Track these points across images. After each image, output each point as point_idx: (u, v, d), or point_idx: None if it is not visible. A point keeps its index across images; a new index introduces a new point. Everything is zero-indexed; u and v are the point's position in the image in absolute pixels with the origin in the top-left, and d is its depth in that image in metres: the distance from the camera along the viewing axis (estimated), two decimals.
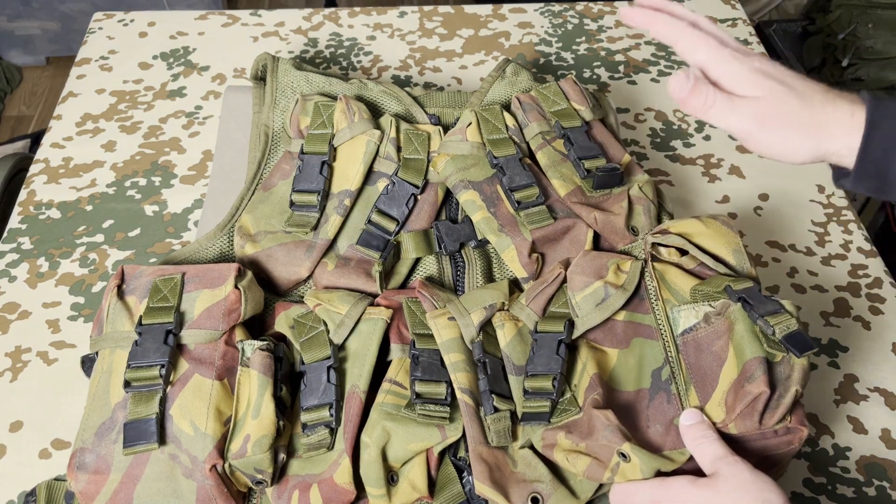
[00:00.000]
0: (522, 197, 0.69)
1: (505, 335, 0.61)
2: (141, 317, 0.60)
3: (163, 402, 0.57)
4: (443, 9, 1.10)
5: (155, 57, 1.02)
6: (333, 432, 0.59)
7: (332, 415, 0.59)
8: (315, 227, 0.69)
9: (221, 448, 0.57)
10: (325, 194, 0.70)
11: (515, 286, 0.67)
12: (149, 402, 0.57)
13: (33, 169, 0.88)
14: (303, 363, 0.62)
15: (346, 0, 2.41)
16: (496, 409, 0.58)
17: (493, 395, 0.58)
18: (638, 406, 0.60)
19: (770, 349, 0.56)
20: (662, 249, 0.64)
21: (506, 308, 0.63)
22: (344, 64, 1.01)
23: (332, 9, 1.10)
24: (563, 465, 0.57)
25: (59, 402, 0.68)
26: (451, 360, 0.60)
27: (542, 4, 1.11)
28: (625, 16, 0.58)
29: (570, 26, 1.08)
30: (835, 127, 0.52)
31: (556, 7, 1.11)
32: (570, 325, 0.61)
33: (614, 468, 0.55)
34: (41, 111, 2.09)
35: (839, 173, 0.56)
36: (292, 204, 0.70)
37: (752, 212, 0.84)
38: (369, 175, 0.72)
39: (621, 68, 1.01)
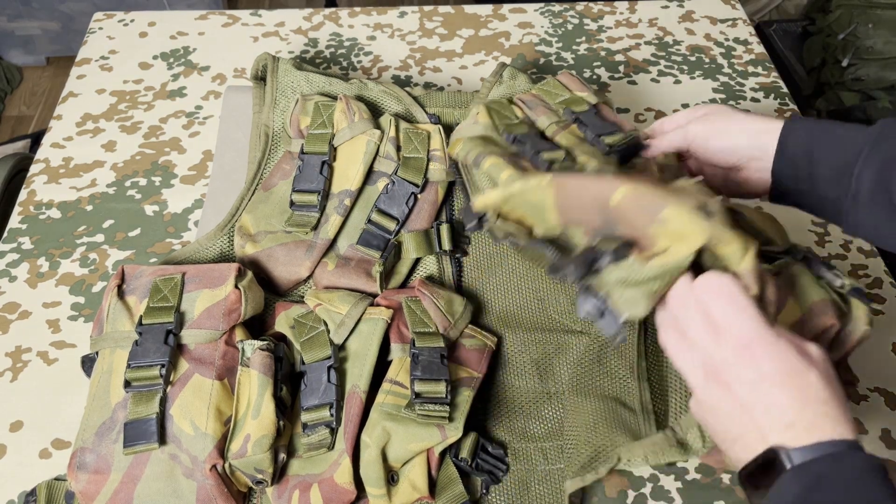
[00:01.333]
0: (550, 158, 0.65)
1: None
2: (141, 317, 0.60)
3: (163, 402, 0.57)
4: (443, 9, 1.10)
5: (155, 57, 1.02)
6: (334, 432, 0.59)
7: (332, 415, 0.59)
8: (315, 228, 0.69)
9: (222, 448, 0.57)
10: (326, 194, 0.70)
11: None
12: (149, 401, 0.57)
13: (33, 169, 0.88)
14: (303, 363, 0.62)
15: (346, 0, 2.41)
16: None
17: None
18: None
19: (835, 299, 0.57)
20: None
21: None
22: (344, 64, 1.01)
23: (333, 9, 1.10)
24: None
25: (59, 402, 0.68)
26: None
27: (542, 4, 1.11)
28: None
29: (570, 26, 1.08)
30: (762, 121, 0.61)
31: (556, 7, 1.11)
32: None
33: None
34: (41, 111, 2.09)
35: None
36: (292, 204, 0.70)
37: None
38: (369, 175, 0.72)
39: (621, 68, 1.01)
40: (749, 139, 0.61)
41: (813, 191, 0.58)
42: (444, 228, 0.71)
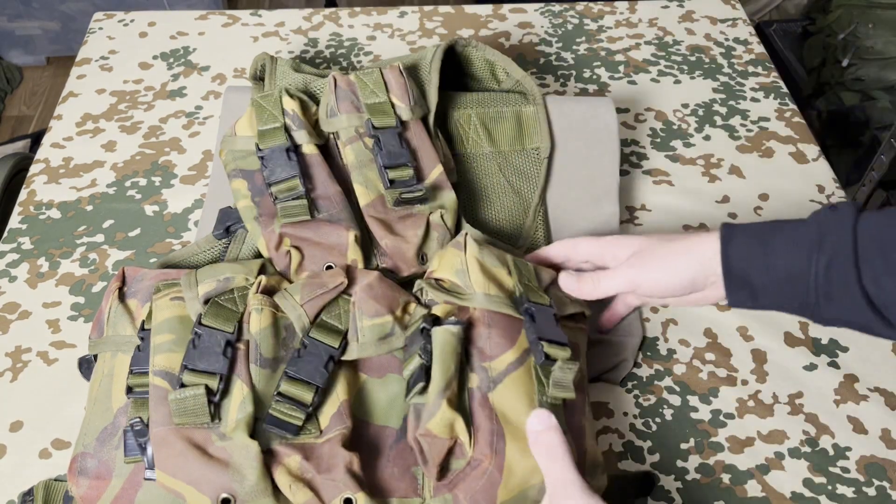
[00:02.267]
0: (279, 191, 0.66)
1: (260, 321, 0.57)
2: (143, 321, 0.60)
3: None
4: (443, 9, 1.10)
5: (155, 57, 1.02)
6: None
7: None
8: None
9: None
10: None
11: (280, 274, 0.65)
12: None
13: (33, 169, 0.89)
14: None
15: (346, 0, 2.41)
16: (182, 385, 0.54)
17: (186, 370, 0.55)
18: (380, 443, 0.58)
19: None
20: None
21: (252, 287, 0.59)
22: (344, 64, 1.01)
23: (333, 9, 1.10)
24: (281, 488, 0.54)
25: (59, 402, 0.68)
26: (156, 343, 0.57)
27: (542, 4, 1.11)
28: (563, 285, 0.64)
29: (570, 26, 1.08)
30: (699, 248, 0.58)
31: (556, 7, 1.11)
32: (345, 343, 0.59)
33: None
34: (41, 111, 2.09)
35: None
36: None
37: (752, 212, 0.84)
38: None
39: (621, 68, 1.01)
40: (702, 267, 0.58)
41: (769, 299, 0.56)
42: None
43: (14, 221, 0.83)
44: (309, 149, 0.69)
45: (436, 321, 0.58)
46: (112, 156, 0.90)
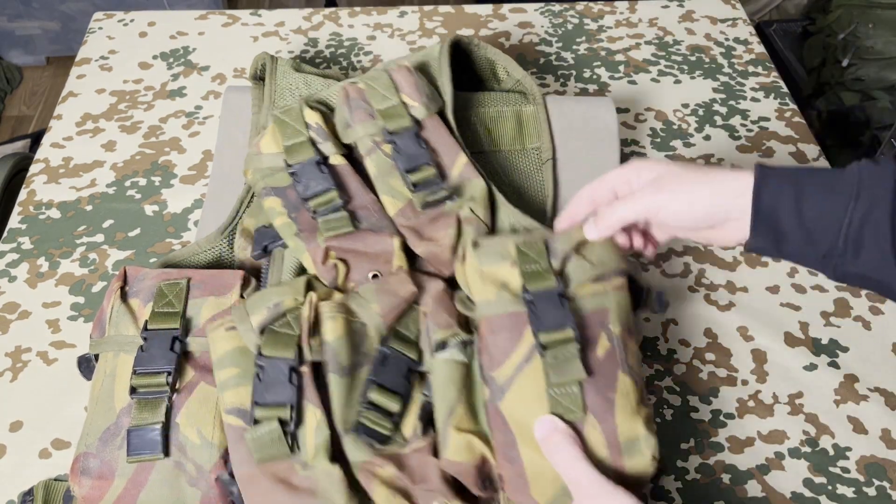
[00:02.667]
0: (317, 204, 0.65)
1: (336, 329, 0.57)
2: (146, 321, 0.60)
3: (168, 411, 0.57)
4: (443, 9, 1.10)
5: (155, 57, 1.02)
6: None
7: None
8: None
9: (227, 458, 0.56)
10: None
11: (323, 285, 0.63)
12: (154, 409, 0.57)
13: (33, 169, 0.88)
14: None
15: (346, 0, 2.41)
16: (255, 421, 0.54)
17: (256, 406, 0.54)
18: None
19: None
20: None
21: (304, 306, 0.58)
22: (344, 64, 1.01)
23: (332, 9, 1.10)
24: (377, 501, 0.54)
25: (59, 402, 0.68)
26: (221, 379, 0.56)
27: (542, 4, 1.11)
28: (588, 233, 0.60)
29: (570, 26, 1.08)
30: (725, 181, 0.55)
31: (556, 7, 1.11)
32: (419, 356, 0.59)
33: None
34: (41, 111, 2.09)
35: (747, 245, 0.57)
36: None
37: None
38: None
39: (621, 68, 1.01)
40: (725, 200, 0.55)
41: (793, 246, 0.54)
42: None
43: (14, 221, 0.83)
44: (337, 160, 0.68)
45: (442, 345, 0.58)
46: (112, 156, 0.90)
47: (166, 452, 0.56)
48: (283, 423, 0.54)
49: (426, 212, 0.66)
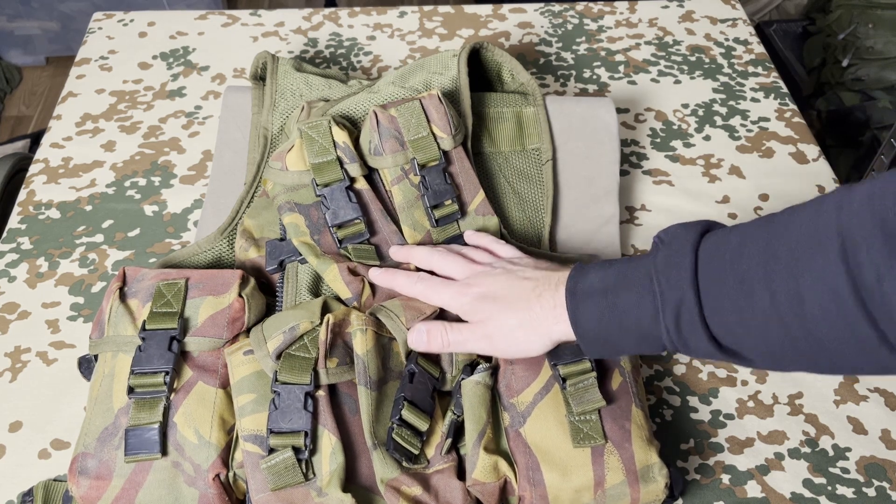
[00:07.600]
0: (346, 235, 0.66)
1: (366, 342, 0.58)
2: (144, 321, 0.60)
3: (166, 410, 0.57)
4: (443, 9, 1.10)
5: (155, 57, 1.02)
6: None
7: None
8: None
9: (225, 457, 0.56)
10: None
11: (341, 303, 0.64)
12: (152, 408, 0.57)
13: (33, 169, 0.88)
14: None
15: (346, 0, 2.41)
16: (271, 450, 0.55)
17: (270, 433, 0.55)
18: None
19: None
20: None
21: (322, 327, 0.58)
22: (344, 64, 1.01)
23: (332, 9, 1.10)
24: None
25: (58, 402, 0.68)
26: (239, 404, 0.57)
27: (542, 4, 1.11)
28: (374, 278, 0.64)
29: (570, 26, 1.08)
30: (548, 321, 0.56)
31: (556, 7, 1.11)
32: (441, 375, 0.60)
33: None
34: (41, 111, 2.09)
35: None
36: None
37: (752, 212, 0.84)
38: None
39: (621, 68, 1.01)
40: (558, 338, 0.57)
41: (634, 348, 0.54)
42: None
43: (13, 221, 0.83)
44: (361, 183, 0.68)
45: (471, 368, 0.60)
46: (111, 156, 0.90)
47: (164, 452, 0.56)
48: (297, 450, 0.55)
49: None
